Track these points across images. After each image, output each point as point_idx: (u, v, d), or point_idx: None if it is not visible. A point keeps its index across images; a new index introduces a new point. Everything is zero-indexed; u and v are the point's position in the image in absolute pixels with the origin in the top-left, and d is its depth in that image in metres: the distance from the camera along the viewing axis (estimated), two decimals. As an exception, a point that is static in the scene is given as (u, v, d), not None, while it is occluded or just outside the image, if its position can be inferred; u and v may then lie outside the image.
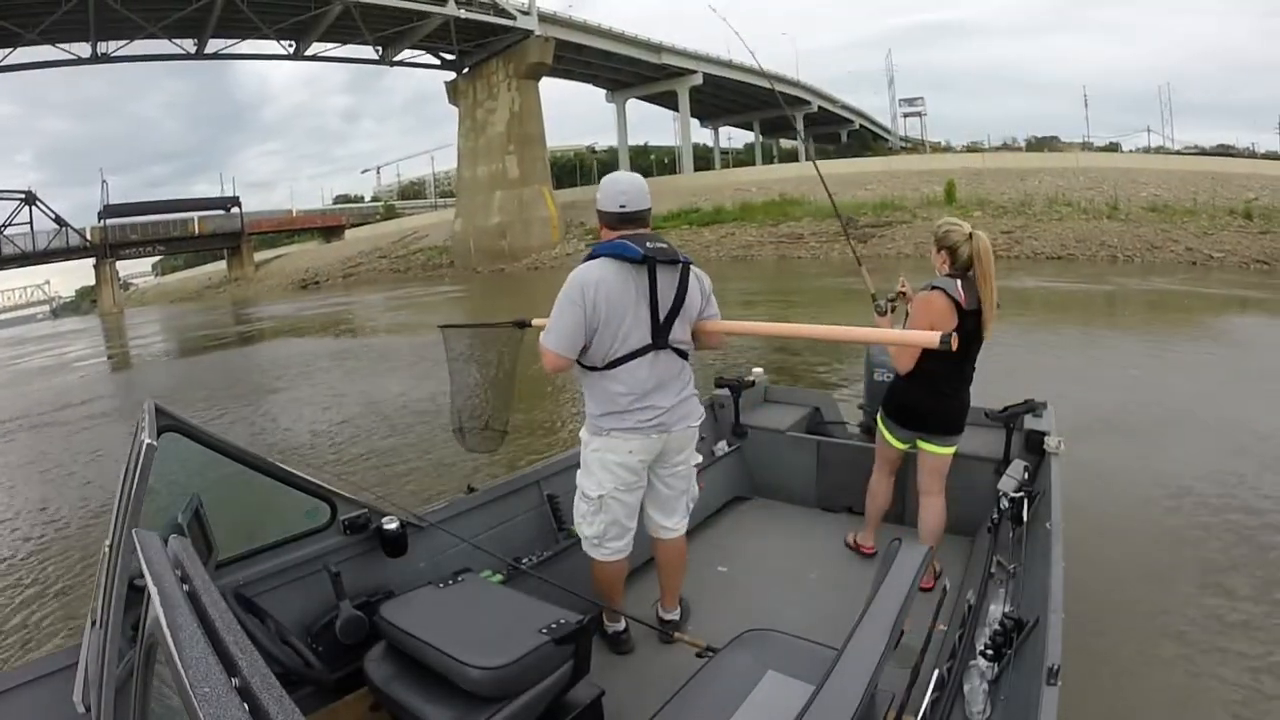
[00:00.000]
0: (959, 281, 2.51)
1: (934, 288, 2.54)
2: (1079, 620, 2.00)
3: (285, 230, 52.51)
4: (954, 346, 1.63)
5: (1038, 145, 52.62)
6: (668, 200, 34.38)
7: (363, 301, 26.68)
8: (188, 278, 55.43)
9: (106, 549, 1.42)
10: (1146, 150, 45.75)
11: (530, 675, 1.66)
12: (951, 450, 2.74)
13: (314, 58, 37.89)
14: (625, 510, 2.26)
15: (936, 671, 1.66)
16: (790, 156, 64.19)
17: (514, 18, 35.19)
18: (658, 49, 42.44)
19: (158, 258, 57.51)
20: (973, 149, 50.52)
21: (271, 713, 0.71)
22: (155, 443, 1.40)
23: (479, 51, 37.37)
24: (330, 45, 37.43)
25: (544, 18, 36.49)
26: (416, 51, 38.50)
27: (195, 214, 45.09)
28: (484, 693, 1.61)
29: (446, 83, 40.14)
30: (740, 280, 20.33)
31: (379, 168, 75.74)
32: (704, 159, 56.77)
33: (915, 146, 58.13)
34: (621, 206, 2.12)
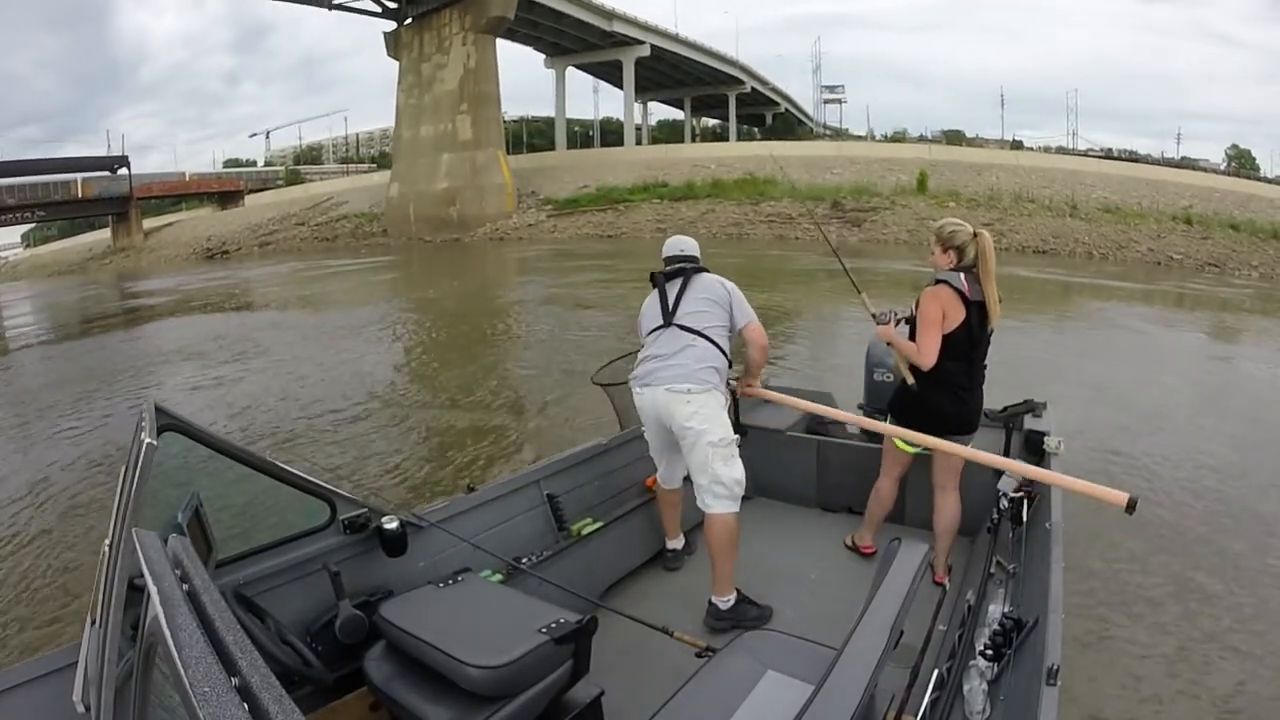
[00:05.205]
0: (962, 275, 2.59)
1: (939, 281, 2.61)
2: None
3: (176, 195, 47.96)
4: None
5: (956, 139, 53.17)
6: (623, 173, 33.74)
7: (288, 272, 24.57)
8: (64, 249, 48.46)
9: (106, 548, 1.40)
10: (1046, 149, 46.35)
11: (530, 675, 1.66)
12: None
13: (243, -10, 34.65)
14: (654, 446, 2.82)
15: (936, 671, 1.68)
16: (710, 135, 63.70)
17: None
18: (609, 15, 40.46)
19: (29, 227, 51.24)
20: (896, 139, 51.47)
21: (271, 712, 0.71)
22: (155, 442, 1.38)
23: (429, 0, 34.37)
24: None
25: (505, -31, 33.40)
26: (360, -6, 34.85)
27: (78, 175, 39.92)
28: (483, 692, 1.61)
29: (386, 33, 36.65)
30: (735, 258, 20.02)
31: (268, 132, 70.73)
32: (616, 133, 53.96)
33: (839, 133, 58.01)
34: (667, 254, 2.85)
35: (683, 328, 2.63)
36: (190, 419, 1.71)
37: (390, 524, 2.12)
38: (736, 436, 2.64)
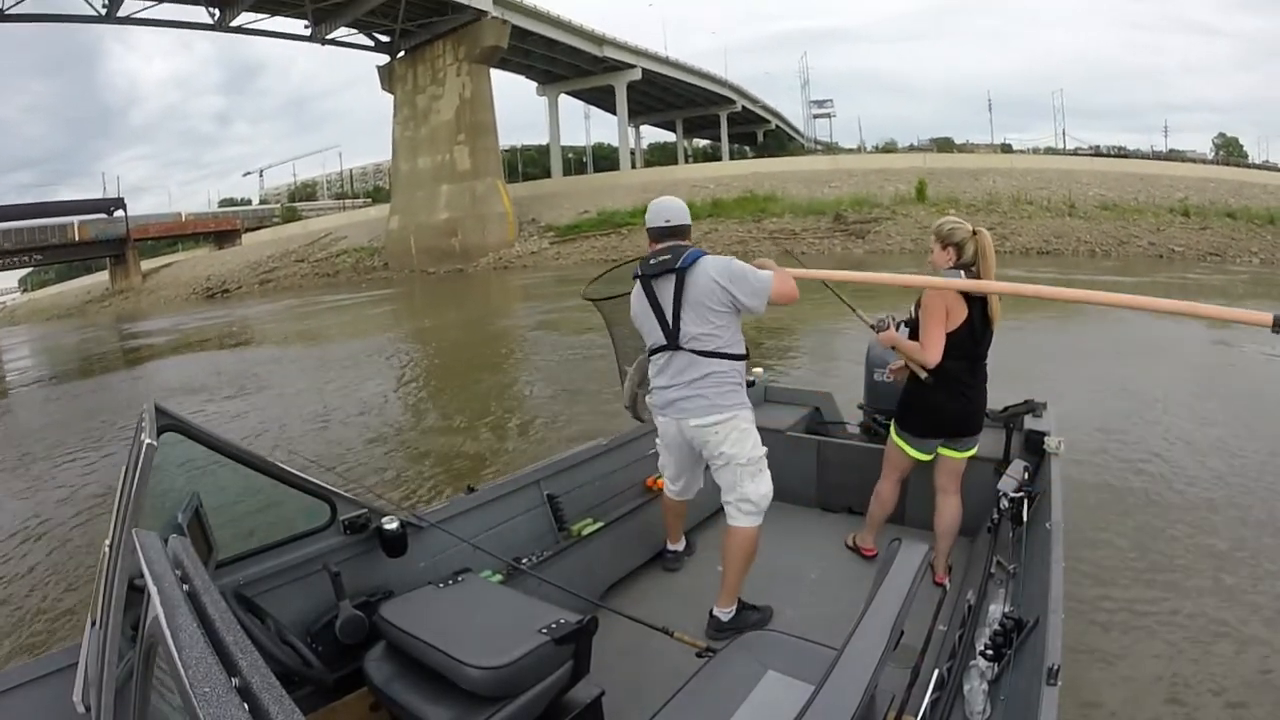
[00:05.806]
0: (963, 272, 2.57)
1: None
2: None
3: (173, 236, 47.81)
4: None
5: (946, 146, 53.82)
6: (622, 197, 33.50)
7: (284, 309, 24.25)
8: (62, 292, 48.30)
9: (106, 549, 1.40)
10: (1036, 151, 47.19)
11: (530, 675, 1.66)
12: (971, 452, 2.75)
13: (238, 29, 33.27)
14: (667, 460, 2.70)
15: (936, 671, 1.68)
16: (702, 155, 64.04)
17: (469, -5, 31.90)
18: (600, 41, 40.60)
19: (26, 271, 51.17)
20: (888, 149, 51.84)
21: (271, 713, 0.71)
22: (155, 443, 1.39)
23: (422, 32, 34.07)
24: (259, 17, 32.82)
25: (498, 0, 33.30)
26: (351, 30, 34.76)
27: (75, 218, 39.65)
28: (484, 692, 1.61)
29: (380, 67, 36.56)
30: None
31: (262, 170, 72.21)
32: (608, 158, 53.76)
33: (830, 147, 58.16)
34: (650, 224, 2.60)
35: (694, 352, 2.41)
36: (190, 419, 1.72)
37: (390, 524, 2.12)
38: (764, 449, 2.52)
